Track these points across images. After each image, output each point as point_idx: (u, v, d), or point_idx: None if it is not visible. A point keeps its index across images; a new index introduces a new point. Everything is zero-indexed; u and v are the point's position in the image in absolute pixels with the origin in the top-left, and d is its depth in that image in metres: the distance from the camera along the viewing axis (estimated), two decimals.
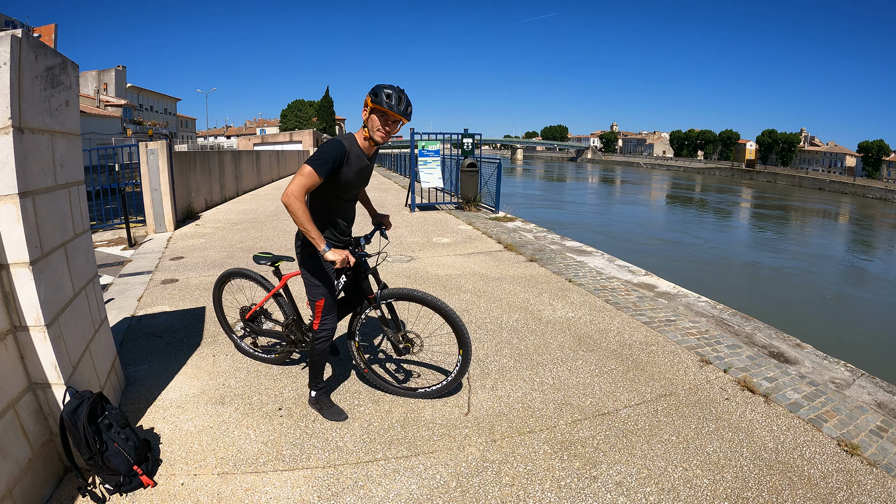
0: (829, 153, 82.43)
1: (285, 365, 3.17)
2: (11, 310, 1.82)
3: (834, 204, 46.53)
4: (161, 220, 7.99)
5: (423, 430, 2.47)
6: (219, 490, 2.01)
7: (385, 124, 2.31)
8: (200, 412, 2.59)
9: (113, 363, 2.68)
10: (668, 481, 2.11)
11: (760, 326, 3.95)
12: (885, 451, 2.34)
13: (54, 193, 2.07)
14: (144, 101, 54.66)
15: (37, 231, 1.88)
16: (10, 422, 1.76)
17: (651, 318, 4.04)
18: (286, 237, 7.37)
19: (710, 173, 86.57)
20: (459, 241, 7.16)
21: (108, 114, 36.42)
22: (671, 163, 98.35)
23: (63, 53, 2.16)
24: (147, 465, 2.06)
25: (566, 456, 2.28)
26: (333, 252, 2.22)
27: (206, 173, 10.95)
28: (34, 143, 1.89)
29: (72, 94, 2.26)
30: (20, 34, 1.76)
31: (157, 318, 3.97)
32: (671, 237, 22.03)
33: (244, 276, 3.12)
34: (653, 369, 3.15)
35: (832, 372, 3.18)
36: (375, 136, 2.33)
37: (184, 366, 3.12)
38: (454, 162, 11.59)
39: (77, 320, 2.20)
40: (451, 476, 2.13)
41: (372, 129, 2.33)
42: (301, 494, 2.00)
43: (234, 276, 3.18)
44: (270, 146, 41.51)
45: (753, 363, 3.25)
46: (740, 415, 2.64)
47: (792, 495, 2.03)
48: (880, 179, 67.42)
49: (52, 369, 1.93)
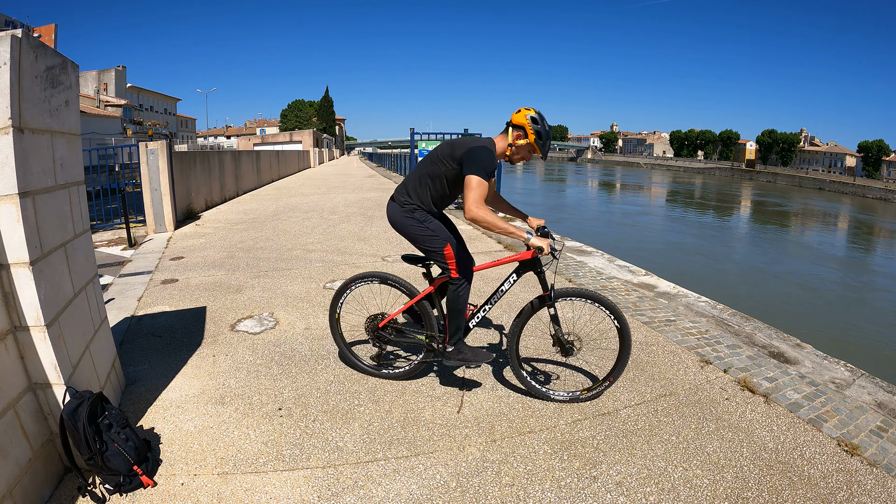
0: (829, 153, 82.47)
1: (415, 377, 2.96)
2: (11, 310, 1.82)
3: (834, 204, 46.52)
4: (161, 220, 7.99)
5: (423, 430, 2.47)
6: (219, 490, 2.01)
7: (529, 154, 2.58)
8: (200, 412, 2.59)
9: (113, 363, 2.68)
10: (668, 481, 2.11)
11: (760, 326, 3.95)
12: (885, 451, 2.34)
13: (54, 193, 2.07)
14: (144, 101, 54.68)
15: (37, 231, 1.88)
16: (10, 422, 1.76)
17: (651, 318, 4.04)
18: (286, 237, 7.37)
19: (710, 173, 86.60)
20: None
21: (108, 114, 36.42)
22: (671, 163, 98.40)
23: (63, 53, 2.16)
24: (147, 465, 2.06)
25: (566, 456, 2.28)
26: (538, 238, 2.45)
27: (206, 173, 10.95)
28: (34, 143, 1.89)
29: (72, 94, 2.26)
30: (20, 34, 1.76)
31: (157, 318, 3.97)
32: (671, 237, 22.03)
33: (379, 278, 2.84)
34: (653, 369, 3.15)
35: (832, 372, 3.18)
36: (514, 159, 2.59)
37: (184, 366, 3.12)
38: None
39: (77, 320, 2.20)
40: (451, 476, 2.13)
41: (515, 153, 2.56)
42: (301, 494, 2.00)
43: (364, 280, 2.87)
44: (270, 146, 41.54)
45: (753, 363, 3.25)
46: (740, 415, 2.64)
47: (792, 495, 2.03)
48: (880, 179, 67.43)
49: (52, 369, 1.93)
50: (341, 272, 5.37)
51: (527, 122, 2.46)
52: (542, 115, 2.50)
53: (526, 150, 2.53)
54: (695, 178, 78.09)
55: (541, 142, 2.49)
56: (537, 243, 2.41)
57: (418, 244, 2.64)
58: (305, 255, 6.17)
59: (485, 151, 2.42)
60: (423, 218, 2.60)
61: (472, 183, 2.36)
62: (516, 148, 2.52)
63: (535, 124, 2.46)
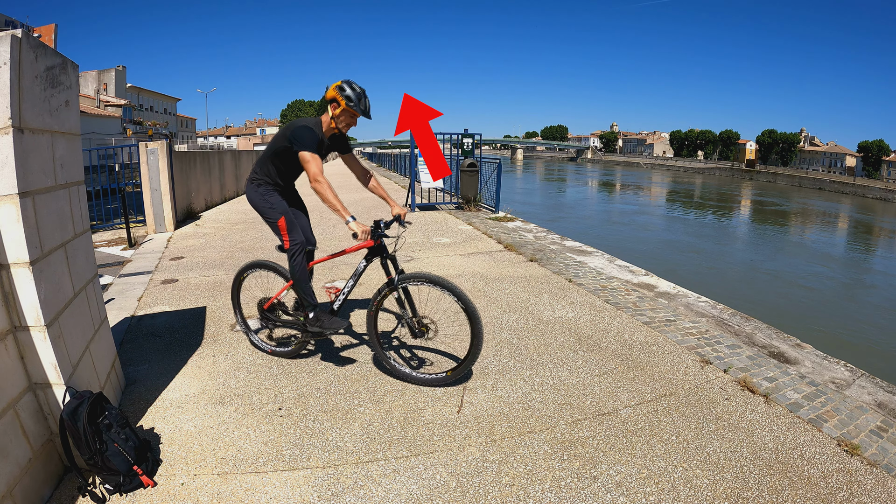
0: (829, 153, 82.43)
1: (298, 358, 3.21)
2: (11, 310, 1.82)
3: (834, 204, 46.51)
4: (161, 220, 7.99)
5: (423, 430, 2.47)
6: (219, 490, 2.01)
7: None
8: (200, 412, 2.59)
9: (113, 363, 2.68)
10: (668, 481, 2.11)
11: (760, 326, 3.95)
12: (885, 451, 2.34)
13: (54, 193, 2.07)
14: (144, 101, 54.66)
15: (37, 231, 1.88)
16: (10, 422, 1.76)
17: (651, 318, 4.04)
18: None
19: (710, 173, 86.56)
20: (459, 241, 7.16)
21: (108, 114, 36.42)
22: (671, 163, 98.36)
23: (63, 53, 2.16)
24: (147, 465, 2.06)
25: (566, 456, 2.28)
26: (356, 223, 2.58)
27: (206, 173, 10.95)
28: (34, 143, 1.89)
29: (72, 93, 2.26)
30: (20, 34, 1.76)
31: (157, 318, 3.97)
32: (671, 237, 22.03)
33: (264, 266, 3.16)
34: (653, 369, 3.15)
35: (832, 372, 3.18)
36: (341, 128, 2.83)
37: (184, 366, 3.12)
38: (454, 162, 11.57)
39: (77, 320, 2.20)
40: (451, 476, 2.13)
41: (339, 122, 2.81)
42: (301, 494, 2.00)
43: (253, 268, 3.21)
44: None
45: (753, 363, 3.25)
46: (740, 415, 2.64)
47: (792, 495, 2.03)
48: (880, 179, 67.41)
49: (52, 369, 1.93)
50: (341, 272, 5.37)
51: (336, 93, 2.70)
52: (350, 81, 2.73)
53: (346, 116, 2.78)
54: (695, 178, 78.08)
55: (352, 104, 2.70)
56: (353, 228, 2.58)
57: (263, 216, 2.92)
58: None
59: (306, 129, 2.71)
60: (265, 192, 2.90)
61: (305, 157, 2.67)
62: (337, 118, 2.78)
63: (342, 91, 2.69)
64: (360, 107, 2.74)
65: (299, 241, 2.86)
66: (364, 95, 2.75)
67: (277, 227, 2.84)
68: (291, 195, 3.11)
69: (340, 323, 2.91)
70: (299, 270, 2.85)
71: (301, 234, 2.93)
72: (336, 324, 2.90)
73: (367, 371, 3.08)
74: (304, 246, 2.88)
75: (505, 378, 3.01)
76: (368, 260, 2.87)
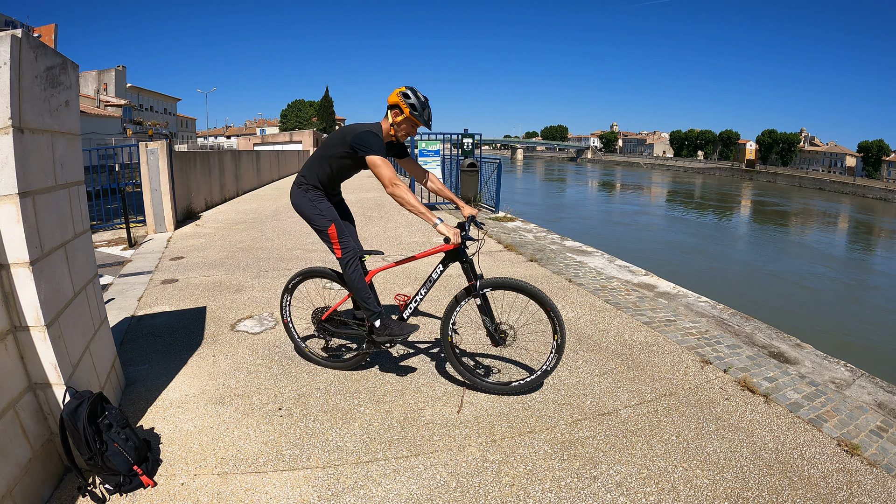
0: (829, 153, 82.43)
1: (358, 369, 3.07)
2: (11, 310, 1.83)
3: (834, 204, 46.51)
4: (161, 220, 7.99)
5: (423, 430, 2.47)
6: (219, 490, 2.01)
7: None
8: (200, 412, 2.59)
9: (113, 363, 2.68)
10: (668, 481, 2.11)
11: (760, 326, 3.95)
12: (885, 451, 2.34)
13: (54, 193, 2.07)
14: (144, 101, 54.67)
15: (37, 231, 1.88)
16: (10, 422, 1.76)
17: (651, 318, 4.04)
18: (287, 237, 7.37)
19: (710, 173, 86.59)
20: None
21: (108, 114, 36.43)
22: (671, 163, 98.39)
23: (63, 53, 2.16)
24: (147, 465, 2.06)
25: (566, 456, 2.28)
26: (445, 226, 2.47)
27: (206, 173, 10.95)
28: (34, 143, 1.89)
29: (72, 94, 2.26)
30: (20, 34, 1.76)
31: (157, 318, 3.97)
32: (671, 237, 22.03)
33: (320, 274, 2.98)
34: (653, 369, 3.15)
35: (832, 372, 3.18)
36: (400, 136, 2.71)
37: (184, 366, 3.12)
38: (454, 162, 11.59)
39: (77, 320, 2.20)
40: (451, 476, 2.13)
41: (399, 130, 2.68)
42: (301, 494, 2.00)
43: (307, 276, 3.02)
44: (270, 146, 41.49)
45: (753, 363, 3.25)
46: (740, 415, 2.64)
47: (792, 495, 2.03)
48: (880, 179, 67.43)
49: (52, 369, 1.93)
50: None
51: (399, 99, 2.59)
52: (414, 89, 2.62)
53: (407, 125, 2.66)
54: (695, 178, 78.09)
55: (416, 113, 2.60)
56: (444, 231, 2.46)
57: (310, 223, 2.81)
58: (305, 255, 6.17)
59: (372, 135, 2.59)
60: (314, 198, 2.78)
61: (376, 161, 2.54)
62: (397, 125, 2.66)
63: (406, 99, 2.59)
64: (423, 117, 2.62)
65: (351, 248, 2.73)
66: (427, 105, 2.63)
67: (327, 234, 2.72)
68: (338, 202, 2.97)
69: (410, 327, 2.76)
70: (357, 278, 2.71)
71: (352, 241, 2.81)
72: (406, 329, 2.74)
73: (368, 371, 3.08)
74: (356, 253, 2.74)
75: None
76: (445, 265, 2.75)
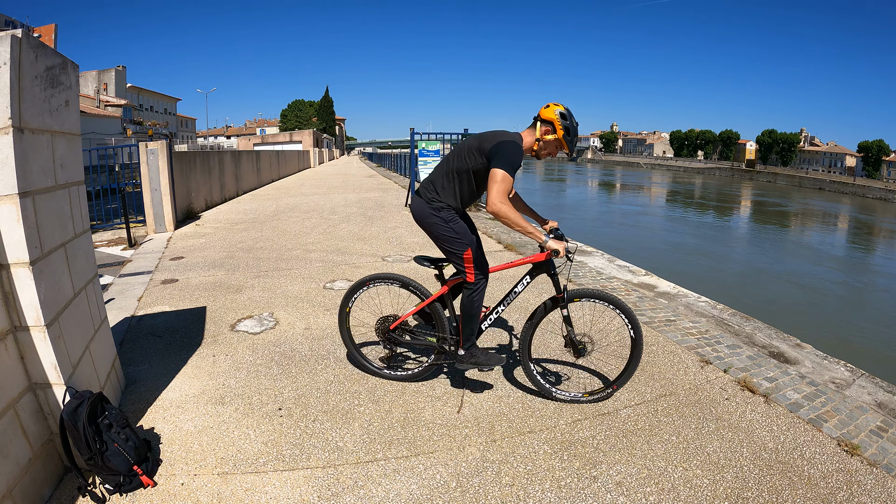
0: (829, 153, 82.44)
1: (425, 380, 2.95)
2: (11, 310, 1.82)
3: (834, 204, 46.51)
4: (161, 220, 7.99)
5: (423, 430, 2.47)
6: (219, 490, 2.01)
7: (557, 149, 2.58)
8: (200, 412, 2.59)
9: (113, 363, 2.68)
10: (668, 481, 2.11)
11: (760, 326, 3.95)
12: (885, 451, 2.34)
13: (54, 193, 2.07)
14: (144, 101, 54.69)
15: (37, 231, 1.88)
16: (10, 422, 1.76)
17: (651, 318, 4.04)
18: (287, 237, 7.37)
19: (710, 173, 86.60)
20: None
21: (108, 114, 36.42)
22: (671, 163, 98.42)
23: (63, 53, 2.16)
24: (147, 465, 2.06)
25: (566, 456, 2.28)
26: (555, 241, 2.43)
27: (206, 173, 10.95)
28: (34, 143, 1.89)
29: (72, 94, 2.26)
30: (20, 34, 1.76)
31: (158, 318, 3.97)
32: (671, 237, 22.03)
33: (393, 280, 2.80)
34: (653, 369, 3.15)
35: (832, 372, 3.18)
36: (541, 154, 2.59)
37: (184, 366, 3.12)
38: None
39: (77, 320, 2.20)
40: (451, 476, 2.13)
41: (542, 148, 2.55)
42: (301, 494, 2.00)
43: (376, 281, 2.82)
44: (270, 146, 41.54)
45: (753, 363, 3.25)
46: (740, 415, 2.64)
47: (792, 495, 2.03)
48: (880, 179, 67.43)
49: (52, 369, 1.93)
50: (341, 272, 5.37)
51: (556, 118, 2.47)
52: (570, 111, 2.51)
53: (553, 146, 2.55)
54: (695, 178, 78.09)
55: (569, 138, 2.50)
56: (554, 246, 2.41)
57: (441, 244, 2.61)
58: (305, 255, 6.17)
59: (513, 146, 2.41)
60: (448, 218, 2.56)
61: (497, 176, 2.36)
62: (544, 143, 2.53)
63: (564, 120, 2.47)
64: (573, 143, 2.53)
65: (485, 276, 2.61)
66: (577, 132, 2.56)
67: (462, 259, 2.55)
68: (467, 218, 2.75)
69: (500, 359, 2.67)
70: (477, 307, 2.59)
71: (485, 262, 2.66)
72: (495, 360, 2.65)
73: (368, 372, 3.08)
74: (486, 281, 2.62)
75: (505, 378, 3.01)
76: (532, 276, 2.67)
